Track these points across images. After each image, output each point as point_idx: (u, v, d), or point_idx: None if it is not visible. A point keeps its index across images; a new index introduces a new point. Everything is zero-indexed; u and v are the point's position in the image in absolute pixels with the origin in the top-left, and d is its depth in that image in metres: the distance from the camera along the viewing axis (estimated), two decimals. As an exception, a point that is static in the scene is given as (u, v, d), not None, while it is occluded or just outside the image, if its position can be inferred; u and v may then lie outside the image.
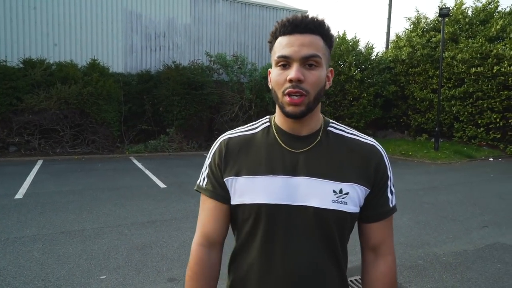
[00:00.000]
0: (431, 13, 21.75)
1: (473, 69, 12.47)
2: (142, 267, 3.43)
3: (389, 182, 1.01)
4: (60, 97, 9.84)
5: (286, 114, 0.93)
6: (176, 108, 11.37)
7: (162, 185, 6.85)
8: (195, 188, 1.05)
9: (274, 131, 0.99)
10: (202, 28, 13.48)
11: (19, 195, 5.82)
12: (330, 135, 0.99)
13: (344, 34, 14.96)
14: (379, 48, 45.36)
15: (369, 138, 1.03)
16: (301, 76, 0.88)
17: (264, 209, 0.93)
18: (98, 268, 3.39)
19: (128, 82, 11.56)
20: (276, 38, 0.94)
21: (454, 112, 13.25)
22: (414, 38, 14.65)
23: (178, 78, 11.35)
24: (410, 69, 14.57)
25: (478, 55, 12.50)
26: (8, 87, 9.53)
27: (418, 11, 15.46)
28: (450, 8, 13.51)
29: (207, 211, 1.01)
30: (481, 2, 13.90)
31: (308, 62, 0.90)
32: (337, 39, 14.81)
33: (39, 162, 8.95)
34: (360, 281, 3.27)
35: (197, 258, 1.01)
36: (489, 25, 13.13)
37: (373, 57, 15.16)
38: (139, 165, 8.97)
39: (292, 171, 0.94)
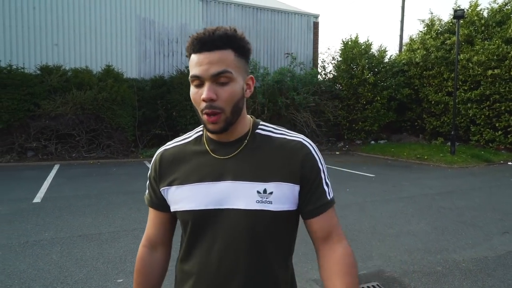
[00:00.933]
0: (445, 15, 21.58)
1: (490, 71, 12.25)
2: (158, 271, 3.43)
3: (322, 175, 1.00)
4: (76, 102, 10.02)
5: (209, 131, 0.97)
6: (189, 113, 11.44)
7: (176, 189, 6.86)
8: (146, 200, 1.13)
9: (205, 140, 1.03)
10: (215, 33, 13.55)
11: (37, 199, 5.92)
12: (257, 137, 1.01)
13: (357, 37, 14.88)
14: (392, 51, 44.97)
15: (297, 134, 1.03)
16: (213, 95, 0.90)
17: (192, 215, 0.98)
18: (115, 271, 3.41)
19: (142, 87, 11.70)
20: (190, 54, 0.94)
21: (471, 115, 13.02)
22: (428, 41, 14.48)
23: (189, 84, 11.40)
24: (424, 72, 14.40)
25: (495, 57, 12.28)
26: (26, 93, 9.74)
27: (432, 13, 15.32)
28: (465, 10, 13.34)
29: (149, 219, 1.12)
30: (497, 3, 13.67)
31: (219, 79, 0.90)
32: (349, 43, 14.75)
33: (56, 167, 9.10)
34: (375, 286, 3.22)
35: (138, 257, 1.11)
36: (506, 27, 12.89)
37: (386, 60, 15.04)
38: (153, 169, 9.02)
39: (218, 177, 0.97)
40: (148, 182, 1.10)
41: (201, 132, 1.06)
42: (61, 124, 10.01)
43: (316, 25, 15.61)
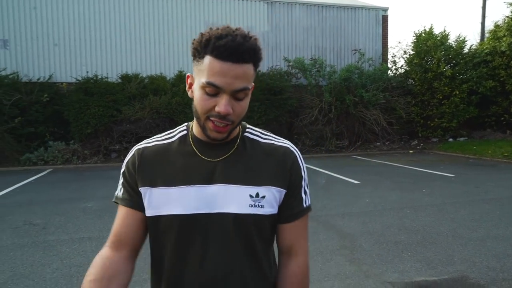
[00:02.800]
0: (535, -3, 19.15)
1: None
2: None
3: (303, 183, 1.00)
4: (152, 107, 10.75)
5: (208, 137, 0.92)
6: (256, 114, 11.66)
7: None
8: (113, 200, 1.02)
9: (191, 140, 0.97)
10: (280, 34, 13.67)
11: (122, 196, 6.46)
12: (246, 141, 0.99)
13: (431, 28, 13.96)
14: (473, 40, 41.29)
15: (284, 140, 1.02)
16: (230, 110, 0.86)
17: (181, 220, 0.92)
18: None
19: (212, 90, 12.17)
20: (205, 53, 0.86)
21: None
22: (515, 27, 13.10)
23: (257, 84, 11.62)
24: (511, 62, 13.04)
25: None
26: (109, 100, 10.70)
27: (519, -4, 13.76)
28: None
29: (120, 218, 0.99)
30: None
31: (237, 95, 0.87)
32: (423, 34, 13.89)
33: (136, 167, 9.84)
34: (462, 294, 3.00)
35: (99, 258, 0.95)
36: None
37: (465, 50, 13.89)
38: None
39: (209, 180, 0.93)
40: (122, 180, 1.00)
41: (184, 132, 1.01)
42: (139, 128, 10.82)
43: (385, 19, 14.95)
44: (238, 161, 0.95)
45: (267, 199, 0.94)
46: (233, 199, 0.92)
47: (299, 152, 1.03)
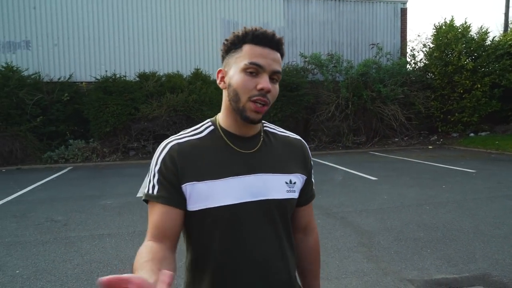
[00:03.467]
0: (562, -15, 18.34)
1: None
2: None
3: (312, 170, 1.16)
4: (170, 105, 10.86)
5: (246, 119, 0.97)
6: (272, 110, 11.62)
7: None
8: (143, 198, 0.99)
9: (222, 134, 1.03)
10: (296, 30, 13.58)
11: (140, 193, 6.57)
12: (268, 134, 1.10)
13: (452, 20, 13.59)
14: (495, 32, 40.08)
15: (293, 133, 1.17)
16: (270, 87, 0.95)
17: (230, 210, 0.97)
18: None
19: (228, 88, 12.20)
20: (244, 43, 0.97)
21: None
22: (540, 17, 12.62)
23: (274, 81, 11.61)
24: (536, 53, 12.59)
25: None
26: (128, 99, 10.85)
27: (544, -15, 13.24)
28: None
29: (160, 214, 0.95)
30: None
31: (273, 76, 0.97)
32: (443, 27, 13.55)
33: (154, 164, 9.97)
34: (484, 292, 2.93)
35: (143, 246, 0.91)
36: None
37: (488, 42, 13.47)
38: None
39: (249, 170, 1.00)
40: (158, 177, 0.97)
41: (212, 127, 1.05)
42: (157, 126, 10.95)
43: (404, 12, 14.65)
44: (268, 152, 1.05)
45: (297, 185, 1.07)
46: (273, 186, 1.02)
47: None
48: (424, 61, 14.28)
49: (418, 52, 14.62)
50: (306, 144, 1.17)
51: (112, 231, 4.54)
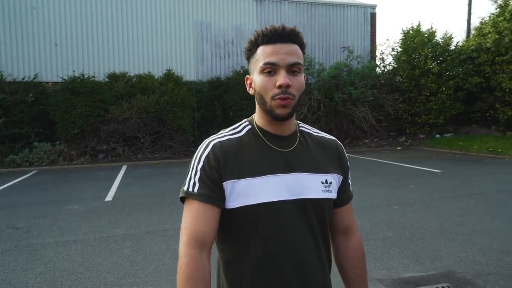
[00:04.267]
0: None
1: None
2: (220, 267, 3.54)
3: (349, 171, 1.17)
4: (140, 106, 10.63)
5: (275, 117, 0.99)
6: (245, 112, 11.61)
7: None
8: (182, 195, 1.00)
9: (260, 134, 1.05)
10: (269, 32, 13.62)
11: (109, 197, 6.38)
12: (304, 134, 1.12)
13: (419, 25, 14.05)
14: (459, 37, 41.76)
15: (329, 135, 1.18)
16: (289, 81, 0.95)
17: (269, 207, 0.98)
18: (180, 266, 3.57)
19: (200, 89, 12.11)
20: (257, 46, 1.00)
21: (553, 102, 11.72)
22: (501, 23, 13.25)
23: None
24: (496, 58, 13.20)
25: None
26: (96, 100, 10.54)
27: (504, -7, 13.92)
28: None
29: (196, 214, 0.96)
30: None
31: (292, 69, 0.97)
32: (411, 32, 13.99)
33: (124, 167, 9.74)
34: (448, 289, 3.03)
35: (190, 260, 0.93)
36: None
37: (452, 47, 14.03)
38: (213, 168, 9.30)
39: (286, 169, 1.02)
40: (199, 175, 0.99)
41: (249, 126, 1.08)
42: (127, 127, 10.69)
43: (373, 16, 15.02)
44: (305, 152, 1.07)
45: (333, 185, 1.08)
46: (309, 185, 1.03)
47: None
48: (393, 64, 14.69)
49: (387, 56, 15.03)
50: (342, 145, 1.18)
51: (78, 237, 4.38)
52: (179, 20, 12.73)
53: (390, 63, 14.88)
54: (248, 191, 0.98)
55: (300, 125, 1.14)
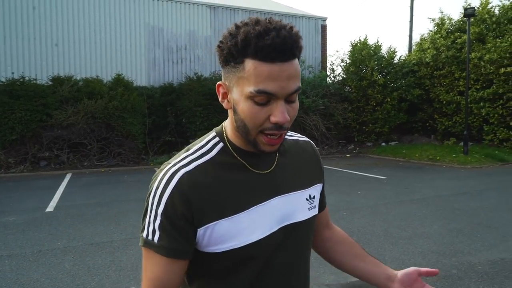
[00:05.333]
0: (456, 14, 21.27)
1: (503, 69, 12.03)
2: (169, 278, 3.44)
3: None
4: (87, 111, 10.15)
5: (260, 152, 0.81)
6: (198, 119, 11.50)
7: (187, 195, 6.90)
8: (141, 244, 0.81)
9: (234, 153, 0.85)
10: (223, 39, 13.65)
11: (50, 208, 5.99)
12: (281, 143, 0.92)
13: (366, 39, 14.80)
14: (402, 51, 44.52)
15: (300, 135, 1.04)
16: (288, 118, 0.75)
17: (263, 244, 0.83)
18: (127, 279, 3.42)
19: (152, 95, 11.81)
20: (245, 57, 0.74)
21: (484, 114, 12.80)
22: (438, 40, 14.32)
23: (200, 89, 11.51)
24: (435, 72, 14.23)
25: (508, 55, 12.06)
26: (38, 104, 9.91)
27: (442, 12, 15.11)
28: (476, 8, 13.16)
29: (159, 267, 0.79)
30: (509, 0, 13.46)
31: (291, 97, 0.76)
32: (358, 44, 14.67)
33: (68, 176, 9.22)
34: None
35: None
36: (517, 24, 12.68)
37: (396, 61, 14.92)
38: (164, 176, 9.07)
39: (270, 194, 0.86)
40: (161, 221, 0.78)
41: (221, 144, 0.86)
42: (72, 133, 10.15)
43: (324, 28, 15.58)
44: (286, 167, 0.92)
45: (316, 198, 0.97)
46: (295, 207, 0.90)
47: None
48: (342, 75, 15.32)
49: (337, 67, 15.66)
50: (314, 144, 1.06)
51: (13, 252, 4.06)
52: (130, 23, 12.37)
53: (339, 73, 15.51)
54: (233, 232, 0.80)
55: None
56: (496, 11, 13.61)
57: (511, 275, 3.46)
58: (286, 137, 0.96)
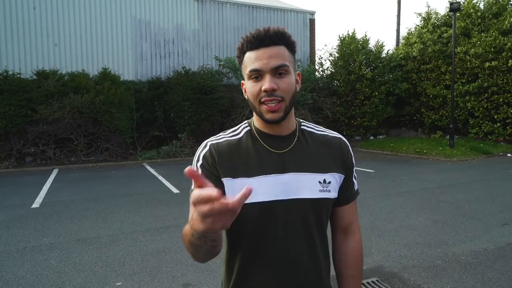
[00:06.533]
0: (442, 8, 21.46)
1: (487, 64, 12.23)
2: (157, 273, 3.43)
3: (354, 169, 1.16)
4: (73, 106, 10.00)
5: (267, 121, 1.01)
6: (187, 114, 11.43)
7: (175, 190, 6.87)
8: (190, 192, 0.99)
9: (257, 135, 1.07)
10: (211, 33, 13.56)
11: (36, 204, 5.91)
12: (305, 133, 1.12)
13: (354, 33, 14.85)
14: (390, 45, 44.77)
15: (335, 132, 1.17)
16: (274, 85, 0.97)
17: (261, 207, 1.00)
18: (114, 274, 3.40)
19: (139, 89, 11.68)
20: (244, 53, 1.01)
21: (469, 107, 13.01)
22: (425, 35, 14.46)
23: (188, 83, 11.42)
24: (422, 66, 14.38)
25: (492, 49, 12.26)
26: (22, 99, 9.72)
27: (428, 7, 15.22)
28: (461, 2, 13.30)
29: None
30: (493, -5, 13.63)
31: (278, 71, 0.98)
32: (347, 39, 14.72)
33: (55, 171, 9.09)
34: (375, 282, 3.21)
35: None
36: (502, 18, 12.87)
37: (383, 55, 15.01)
38: (152, 171, 9.03)
39: (281, 169, 1.03)
40: (202, 170, 1.03)
41: (248, 128, 1.10)
42: (59, 129, 10.00)
43: (312, 22, 15.57)
44: (303, 151, 1.06)
45: (332, 184, 1.06)
46: (305, 185, 1.03)
47: (348, 143, 1.17)
48: (331, 69, 15.36)
49: (325, 61, 15.70)
50: (347, 142, 1.16)
51: (-2, 249, 4.00)
52: (116, 17, 12.19)
53: (328, 67, 15.54)
54: (241, 191, 0.92)
55: (302, 123, 1.15)
56: (481, 6, 13.78)
57: (493, 265, 3.54)
58: (315, 131, 1.13)
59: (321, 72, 15.53)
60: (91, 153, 10.58)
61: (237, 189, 1.01)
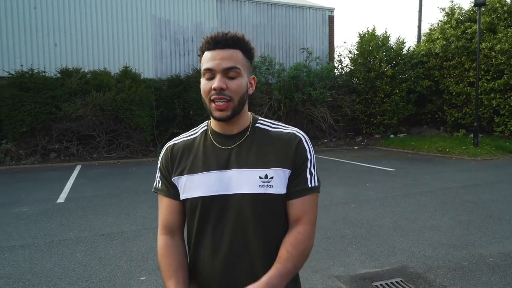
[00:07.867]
0: (466, 3, 20.87)
1: (514, 60, 11.84)
2: (180, 269, 3.46)
3: (308, 164, 1.12)
4: (96, 104, 10.20)
5: (215, 119, 1.08)
6: (205, 111, 11.39)
7: (195, 187, 6.93)
8: (153, 190, 1.22)
9: (210, 133, 1.15)
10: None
11: (61, 199, 6.06)
12: (257, 130, 1.14)
13: (374, 29, 14.61)
14: (410, 42, 43.90)
15: (292, 128, 1.17)
16: (223, 85, 1.03)
17: (202, 201, 1.09)
18: (138, 269, 3.46)
19: (159, 87, 11.82)
20: (203, 53, 1.08)
21: (494, 105, 12.63)
22: (448, 30, 14.10)
23: (207, 81, 11.48)
24: (444, 63, 14.04)
25: (519, 45, 11.86)
26: (47, 97, 9.98)
27: (452, 1, 14.82)
28: (486, -3, 12.91)
29: (164, 207, 1.18)
30: (520, -11, 13.18)
31: (229, 73, 1.04)
32: (366, 35, 14.50)
33: (78, 167, 9.30)
34: (399, 282, 3.16)
35: (161, 243, 1.15)
36: (529, 13, 12.43)
37: (404, 51, 14.73)
38: (172, 168, 9.11)
39: (225, 166, 1.09)
40: (159, 174, 1.19)
41: (206, 127, 1.18)
42: (81, 126, 10.22)
43: (331, 19, 15.41)
44: (249, 148, 1.10)
45: (275, 179, 1.08)
46: (245, 181, 1.07)
47: (305, 136, 1.15)
48: (350, 66, 15.17)
49: (344, 58, 15.56)
50: (302, 137, 1.13)
51: (26, 242, 4.12)
52: (137, 15, 12.35)
53: (347, 65, 15.37)
54: (188, 186, 1.11)
55: (259, 121, 1.17)
56: (508, 0, 13.34)
57: (523, 268, 3.43)
58: (270, 128, 1.15)
59: (340, 70, 15.36)
60: (113, 149, 10.77)
61: (184, 184, 1.12)
